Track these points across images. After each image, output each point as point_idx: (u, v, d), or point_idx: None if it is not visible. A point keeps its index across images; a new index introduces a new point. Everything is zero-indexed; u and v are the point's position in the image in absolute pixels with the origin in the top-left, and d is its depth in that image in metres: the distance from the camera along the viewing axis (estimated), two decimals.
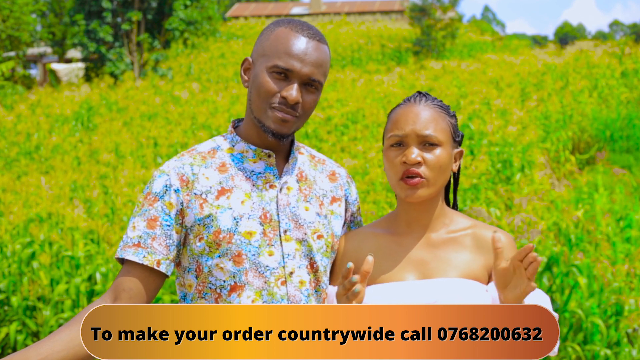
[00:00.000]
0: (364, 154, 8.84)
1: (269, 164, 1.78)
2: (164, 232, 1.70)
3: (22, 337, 5.01)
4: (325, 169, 1.90)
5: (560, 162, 9.64)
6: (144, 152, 9.93)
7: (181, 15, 19.62)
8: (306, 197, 1.80)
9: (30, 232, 5.72)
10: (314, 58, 1.71)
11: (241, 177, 1.75)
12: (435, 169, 1.72)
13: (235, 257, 1.70)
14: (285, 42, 1.71)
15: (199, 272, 1.74)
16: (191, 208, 1.71)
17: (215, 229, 1.70)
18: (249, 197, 1.73)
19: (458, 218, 1.82)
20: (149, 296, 1.72)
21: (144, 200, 1.73)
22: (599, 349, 4.47)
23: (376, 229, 1.84)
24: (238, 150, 1.79)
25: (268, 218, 1.73)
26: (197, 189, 1.72)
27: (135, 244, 1.70)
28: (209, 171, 1.75)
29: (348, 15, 29.53)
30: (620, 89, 12.91)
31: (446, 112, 1.78)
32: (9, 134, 11.62)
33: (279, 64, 1.69)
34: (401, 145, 1.74)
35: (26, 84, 20.45)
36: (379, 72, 16.22)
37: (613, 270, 4.93)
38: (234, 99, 13.29)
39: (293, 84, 1.70)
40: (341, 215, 1.87)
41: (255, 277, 1.71)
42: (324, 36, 1.78)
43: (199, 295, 1.75)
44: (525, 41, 27.43)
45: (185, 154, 1.78)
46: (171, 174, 1.73)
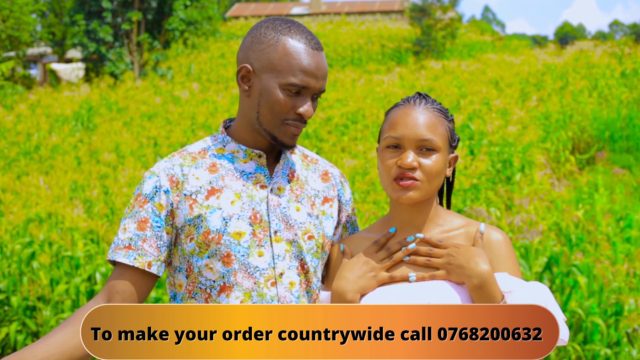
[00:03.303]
0: (364, 154, 8.84)
1: (259, 164, 1.77)
2: (155, 234, 1.71)
3: (22, 337, 5.01)
4: (318, 168, 1.89)
5: (560, 162, 9.64)
6: (144, 152, 9.93)
7: (181, 15, 19.61)
8: (297, 197, 1.79)
9: (30, 232, 5.72)
10: (324, 71, 1.73)
11: (231, 177, 1.75)
12: (430, 174, 1.71)
13: (225, 257, 1.70)
14: (297, 58, 1.69)
15: (189, 272, 1.74)
16: (181, 209, 1.71)
17: (204, 230, 1.70)
18: (239, 198, 1.73)
19: (451, 218, 1.81)
20: (141, 297, 1.72)
21: (135, 201, 1.73)
22: (599, 348, 4.47)
23: (370, 233, 1.83)
24: (229, 150, 1.78)
25: (258, 219, 1.73)
26: (186, 190, 1.72)
27: (126, 246, 1.70)
28: (199, 171, 1.74)
29: (348, 15, 29.53)
30: (620, 89, 12.91)
31: (445, 117, 1.76)
32: (9, 134, 11.62)
33: (295, 82, 1.69)
34: (397, 147, 1.72)
35: (26, 84, 20.44)
36: (379, 72, 16.22)
37: (613, 270, 4.93)
38: (234, 99, 13.29)
39: (306, 99, 1.71)
40: (333, 216, 1.86)
41: (244, 278, 1.70)
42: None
43: (189, 295, 1.75)
44: (525, 41, 27.42)
45: (176, 154, 1.78)
46: (161, 175, 1.73)
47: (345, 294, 1.71)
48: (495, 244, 1.73)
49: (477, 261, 1.65)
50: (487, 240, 1.74)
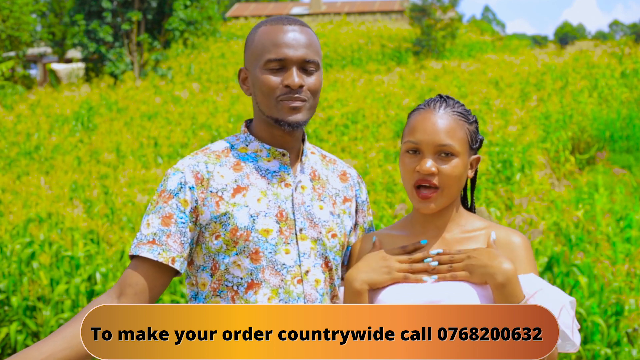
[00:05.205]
0: (364, 154, 8.83)
1: (283, 162, 1.79)
2: (179, 230, 1.70)
3: (22, 337, 5.01)
4: (337, 169, 1.91)
5: (560, 162, 9.64)
6: (144, 152, 9.93)
7: (181, 15, 19.61)
8: (320, 196, 1.81)
9: (30, 232, 5.72)
10: (302, 40, 1.73)
11: (256, 176, 1.76)
12: (449, 179, 1.71)
13: (253, 254, 1.71)
14: (270, 36, 1.73)
15: (214, 270, 1.74)
16: (207, 206, 1.72)
17: (232, 227, 1.70)
18: (264, 195, 1.74)
19: (473, 219, 1.82)
20: (154, 293, 1.71)
21: (158, 197, 1.74)
22: (599, 348, 4.47)
23: (392, 230, 1.85)
24: (252, 149, 1.80)
25: (284, 216, 1.74)
26: (212, 187, 1.72)
27: (150, 241, 1.69)
28: (223, 169, 1.75)
29: (348, 15, 29.51)
30: (620, 89, 12.91)
31: (465, 119, 1.76)
32: (9, 134, 11.62)
33: (271, 57, 1.72)
34: (417, 152, 1.73)
35: (26, 84, 20.43)
36: (379, 72, 16.22)
37: (613, 270, 4.93)
38: (234, 99, 13.29)
39: (291, 70, 1.72)
40: (352, 215, 1.88)
41: (272, 275, 1.71)
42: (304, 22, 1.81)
43: (213, 294, 1.74)
44: (525, 41, 27.40)
45: (199, 152, 1.79)
46: (186, 172, 1.73)
47: (354, 282, 1.72)
48: (515, 246, 1.73)
49: (501, 260, 1.65)
50: (508, 242, 1.74)
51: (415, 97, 12.03)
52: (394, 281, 1.72)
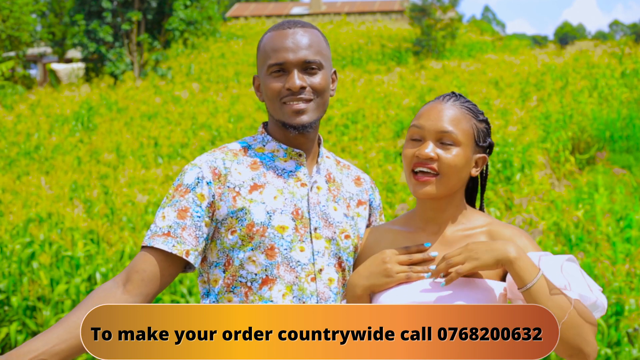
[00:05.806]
0: (364, 154, 8.83)
1: (299, 163, 1.82)
2: (194, 223, 1.71)
3: (22, 337, 5.01)
4: (351, 173, 1.95)
5: (560, 162, 9.64)
6: (145, 152, 9.93)
7: (181, 15, 19.60)
8: (334, 197, 1.84)
9: (30, 232, 5.71)
10: (302, 42, 1.76)
11: (273, 175, 1.79)
12: (449, 168, 1.70)
13: (268, 250, 1.72)
14: (271, 42, 1.78)
15: (227, 265, 1.75)
16: (224, 201, 1.73)
17: (248, 222, 1.72)
18: (281, 193, 1.77)
19: (476, 216, 1.81)
20: (162, 282, 1.70)
21: (175, 191, 1.75)
22: (599, 348, 4.47)
23: (394, 225, 1.86)
24: (269, 149, 1.83)
25: (299, 215, 1.76)
26: (230, 182, 1.75)
27: (165, 233, 1.70)
28: (241, 167, 1.78)
29: (348, 15, 29.51)
30: (620, 89, 12.90)
31: (473, 115, 1.76)
32: (9, 134, 11.62)
33: (271, 62, 1.76)
34: (420, 140, 1.74)
35: (26, 84, 20.42)
36: (379, 72, 16.21)
37: (613, 270, 4.92)
38: (234, 99, 13.29)
39: (292, 73, 1.75)
40: (365, 218, 1.91)
41: (286, 272, 1.73)
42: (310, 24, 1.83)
43: (226, 289, 1.75)
44: (525, 41, 27.39)
45: (217, 150, 1.82)
46: (203, 167, 1.75)
47: (355, 288, 1.75)
48: (517, 238, 1.72)
49: (500, 242, 1.64)
50: (509, 238, 1.72)
51: (415, 97, 12.04)
52: (395, 283, 1.73)
